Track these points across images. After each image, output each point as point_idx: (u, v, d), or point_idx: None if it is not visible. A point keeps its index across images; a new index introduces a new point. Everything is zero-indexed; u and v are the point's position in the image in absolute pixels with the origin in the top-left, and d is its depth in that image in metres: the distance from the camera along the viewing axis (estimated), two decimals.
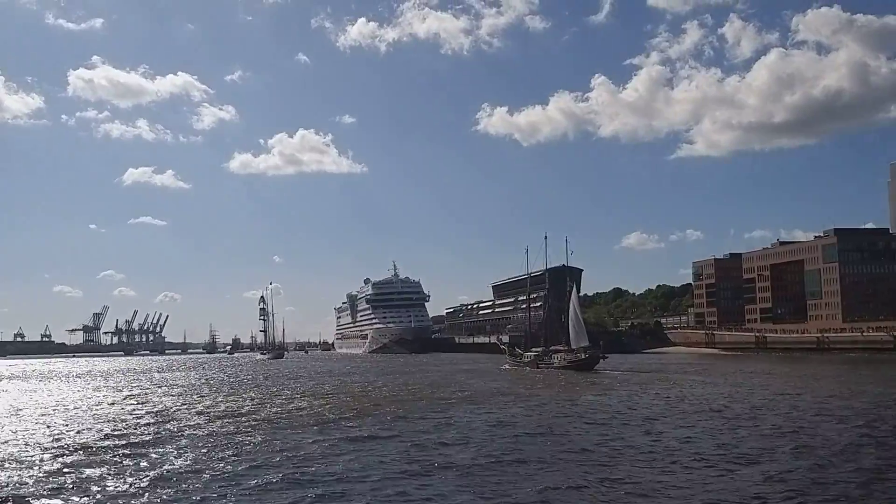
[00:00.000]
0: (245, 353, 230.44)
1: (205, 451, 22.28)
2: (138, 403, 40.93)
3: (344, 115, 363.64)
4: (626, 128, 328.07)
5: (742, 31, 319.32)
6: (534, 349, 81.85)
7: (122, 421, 31.33)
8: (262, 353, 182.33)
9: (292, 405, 38.10)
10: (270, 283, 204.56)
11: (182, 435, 26.18)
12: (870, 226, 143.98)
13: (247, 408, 36.86)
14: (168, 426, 29.02)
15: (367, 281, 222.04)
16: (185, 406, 38.54)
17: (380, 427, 27.79)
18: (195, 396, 46.19)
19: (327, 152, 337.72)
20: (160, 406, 38.90)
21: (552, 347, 76.87)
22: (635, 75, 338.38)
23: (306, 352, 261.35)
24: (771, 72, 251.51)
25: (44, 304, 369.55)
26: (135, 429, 28.33)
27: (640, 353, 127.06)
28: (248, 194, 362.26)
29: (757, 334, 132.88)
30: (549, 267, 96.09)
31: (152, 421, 31.04)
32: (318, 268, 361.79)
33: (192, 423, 30.16)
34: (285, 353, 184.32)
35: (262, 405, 38.30)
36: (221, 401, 41.89)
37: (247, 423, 29.55)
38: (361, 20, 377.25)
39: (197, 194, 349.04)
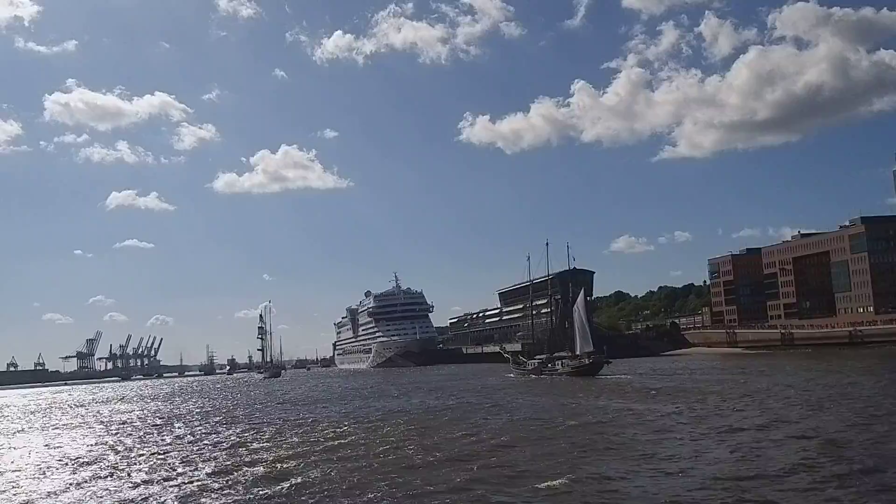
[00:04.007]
0: (244, 374, 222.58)
1: None
2: None
3: (325, 129, 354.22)
4: (609, 132, 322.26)
5: (719, 29, 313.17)
6: (537, 356, 78.67)
7: None
8: (258, 372, 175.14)
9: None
10: (269, 302, 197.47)
11: None
12: None
13: None
14: None
15: (367, 294, 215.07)
16: None
17: None
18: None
19: (312, 168, 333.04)
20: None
21: (556, 354, 74.07)
22: (615, 79, 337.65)
23: (308, 369, 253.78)
24: (751, 69, 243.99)
25: (35, 332, 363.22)
26: None
27: (660, 356, 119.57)
28: (234, 214, 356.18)
29: (782, 331, 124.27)
30: (552, 272, 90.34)
31: None
32: (308, 284, 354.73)
33: None
34: (282, 371, 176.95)
35: None
36: None
37: None
38: (337, 33, 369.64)
39: (182, 216, 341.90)
